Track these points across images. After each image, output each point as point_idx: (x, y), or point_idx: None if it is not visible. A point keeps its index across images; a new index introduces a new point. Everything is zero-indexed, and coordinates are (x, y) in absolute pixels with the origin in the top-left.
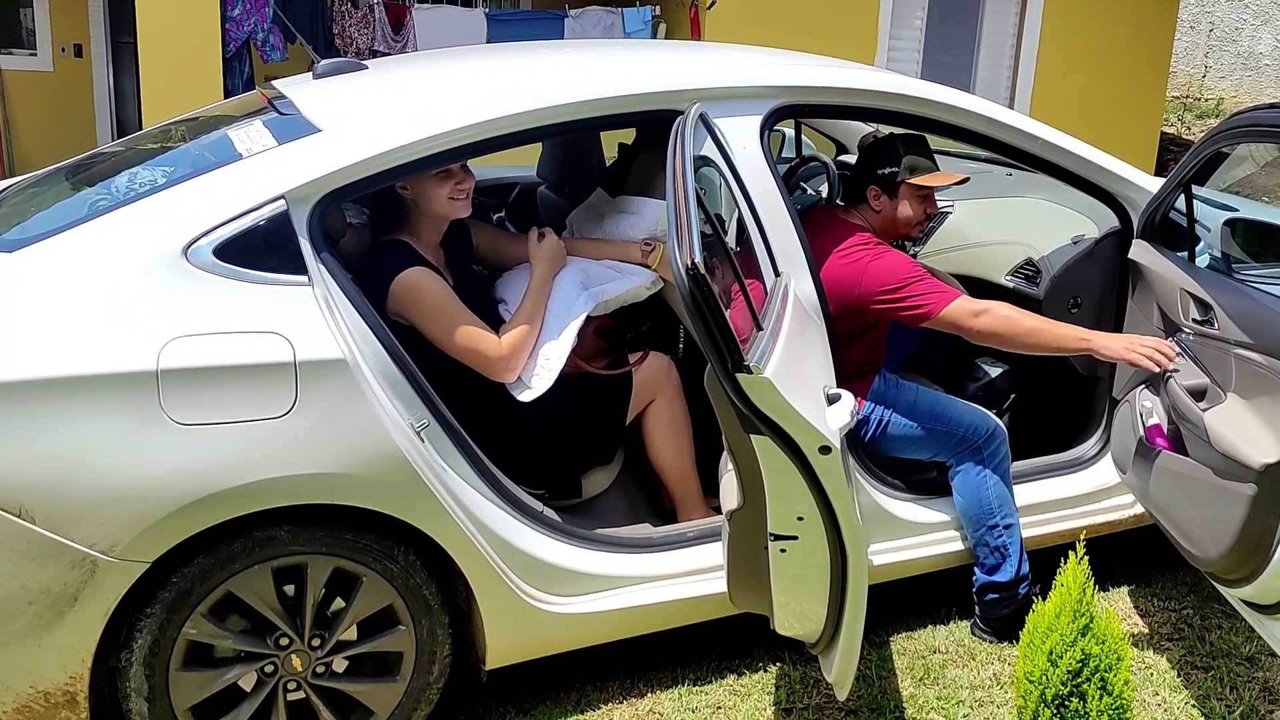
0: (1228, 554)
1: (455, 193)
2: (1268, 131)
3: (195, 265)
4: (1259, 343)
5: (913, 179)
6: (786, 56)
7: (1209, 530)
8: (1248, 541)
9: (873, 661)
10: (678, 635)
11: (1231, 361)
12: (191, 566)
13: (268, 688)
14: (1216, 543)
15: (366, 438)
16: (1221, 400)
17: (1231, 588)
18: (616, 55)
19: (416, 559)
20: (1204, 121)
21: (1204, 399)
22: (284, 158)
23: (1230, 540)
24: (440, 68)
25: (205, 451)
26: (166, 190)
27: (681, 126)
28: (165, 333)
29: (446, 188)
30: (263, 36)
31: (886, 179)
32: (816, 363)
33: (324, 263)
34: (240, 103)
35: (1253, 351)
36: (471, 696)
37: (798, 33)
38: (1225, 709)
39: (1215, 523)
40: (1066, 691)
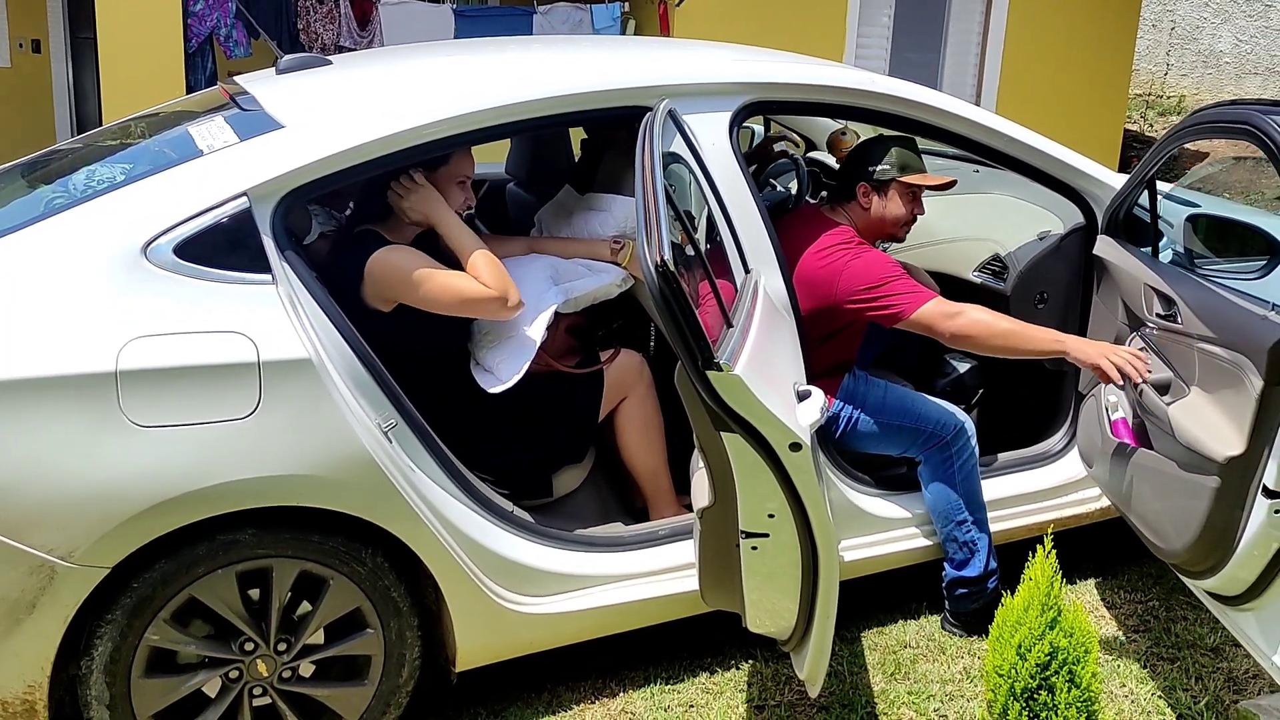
0: (1192, 546)
1: (462, 208)
2: (1228, 128)
3: (155, 264)
4: (1221, 337)
5: (903, 177)
6: (756, 53)
7: (1174, 523)
8: (1212, 533)
9: (844, 657)
10: (650, 634)
11: (1195, 356)
12: (153, 571)
13: (233, 694)
14: (1181, 535)
15: (333, 439)
16: (1185, 394)
17: (1197, 579)
18: (585, 51)
19: (385, 561)
20: (1166, 119)
21: (1168, 393)
22: (246, 154)
23: (1195, 532)
24: (406, 63)
25: (166, 454)
26: (125, 188)
27: (650, 123)
28: (124, 333)
29: (460, 199)
30: (225, 32)
31: (878, 177)
32: (786, 360)
33: (288, 261)
34: (202, 98)
35: (1215, 346)
36: (441, 699)
37: (767, 30)
38: (1191, 699)
39: (1180, 515)
40: (1035, 684)
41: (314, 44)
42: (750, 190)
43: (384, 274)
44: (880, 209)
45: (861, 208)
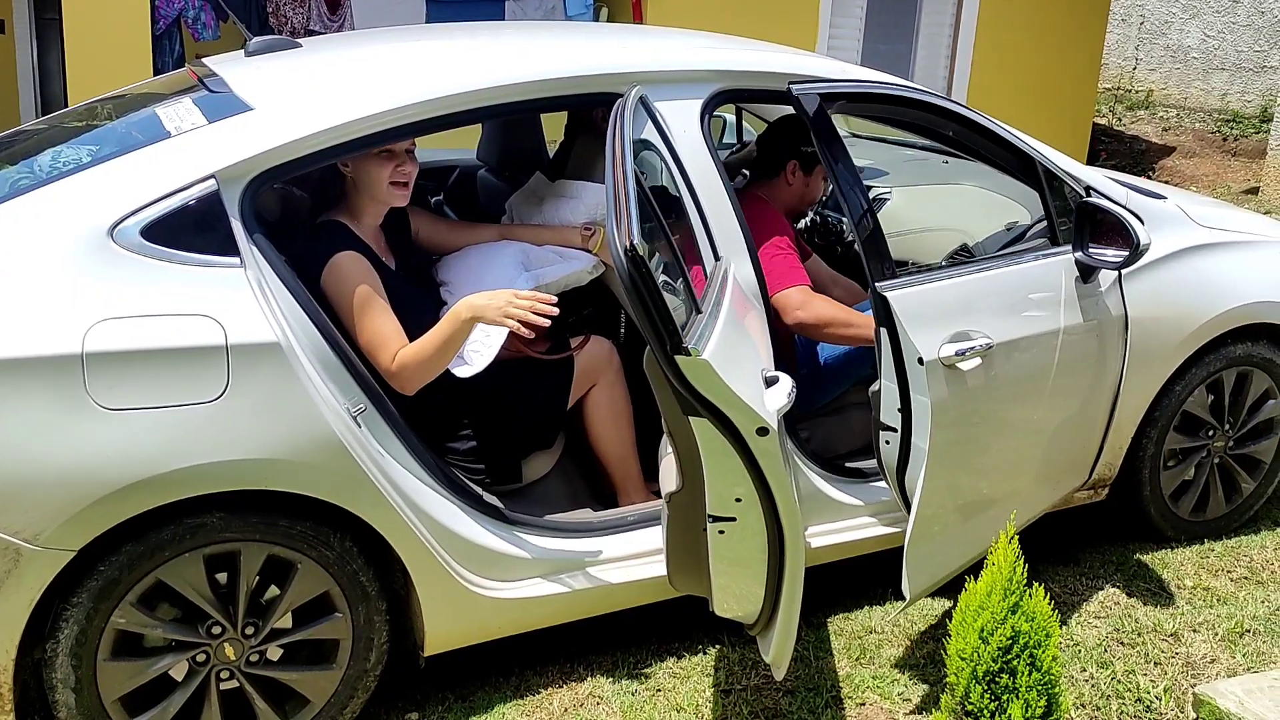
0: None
1: (397, 176)
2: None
3: (121, 246)
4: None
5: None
6: (728, 41)
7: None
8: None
9: (810, 642)
10: (618, 619)
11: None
12: (119, 555)
13: (199, 677)
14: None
15: (301, 423)
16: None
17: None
18: (558, 37)
19: (353, 545)
20: (1135, 113)
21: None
22: (215, 136)
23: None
24: (377, 47)
25: (133, 437)
26: (91, 169)
27: (621, 109)
28: (90, 315)
29: (387, 170)
30: (194, 14)
31: (808, 156)
32: (755, 345)
33: (256, 244)
34: (169, 80)
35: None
36: (410, 683)
37: (739, 18)
38: (1150, 683)
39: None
40: (997, 668)
41: (283, 28)
42: (721, 177)
43: (334, 279)
44: (803, 187)
45: (786, 184)
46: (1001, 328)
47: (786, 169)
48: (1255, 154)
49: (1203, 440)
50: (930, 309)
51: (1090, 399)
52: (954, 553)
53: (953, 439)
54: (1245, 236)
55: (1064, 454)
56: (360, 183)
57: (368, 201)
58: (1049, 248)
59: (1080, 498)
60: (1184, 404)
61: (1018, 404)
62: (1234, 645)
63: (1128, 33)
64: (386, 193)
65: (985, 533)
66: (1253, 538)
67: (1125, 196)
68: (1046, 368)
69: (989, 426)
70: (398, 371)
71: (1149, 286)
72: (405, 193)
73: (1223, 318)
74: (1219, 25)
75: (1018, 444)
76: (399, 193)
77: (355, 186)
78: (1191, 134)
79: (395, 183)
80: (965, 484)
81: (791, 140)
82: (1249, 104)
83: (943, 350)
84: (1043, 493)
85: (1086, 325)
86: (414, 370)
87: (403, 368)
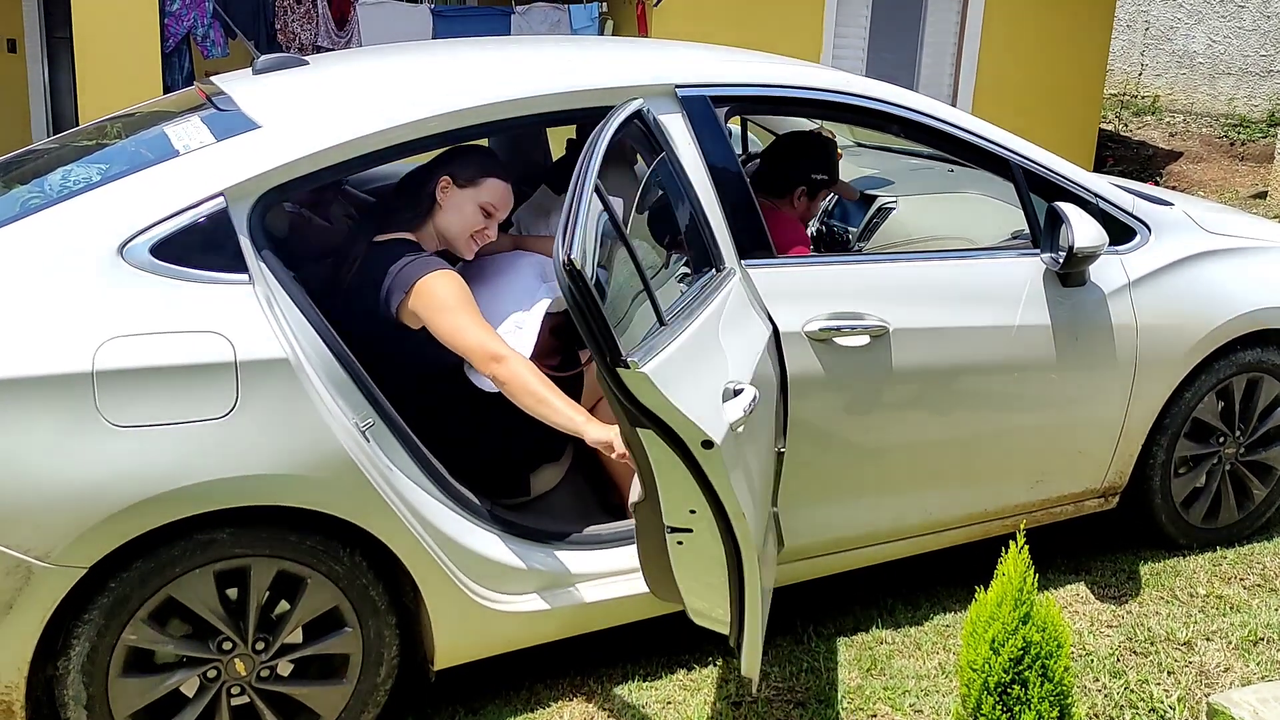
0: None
1: (480, 234)
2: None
3: (131, 264)
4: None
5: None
6: (733, 54)
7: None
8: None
9: (820, 653)
10: (628, 631)
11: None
12: (130, 571)
13: (211, 693)
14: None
15: (310, 438)
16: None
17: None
18: (564, 51)
19: (362, 560)
20: (1141, 119)
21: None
22: (223, 154)
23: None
24: (383, 63)
25: (143, 454)
26: (101, 188)
27: (604, 122)
28: (101, 333)
29: (479, 222)
30: (203, 32)
31: (816, 183)
32: (729, 357)
33: (265, 261)
34: (178, 99)
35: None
36: (420, 697)
37: (745, 29)
38: (1163, 693)
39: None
40: (1009, 679)
41: (291, 44)
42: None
43: (430, 297)
44: (804, 209)
45: (791, 205)
46: (909, 315)
47: (794, 193)
48: (1263, 158)
49: (1214, 447)
50: (804, 288)
51: (1087, 402)
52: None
53: (834, 417)
54: (1253, 242)
55: (1044, 454)
56: (448, 213)
57: (441, 232)
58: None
59: (1091, 506)
60: (1194, 411)
61: (936, 392)
62: (1248, 654)
63: (1133, 39)
64: (464, 239)
65: (879, 516)
66: (1265, 545)
67: (1132, 203)
68: (993, 364)
69: (888, 411)
70: (510, 376)
71: (1157, 293)
72: (473, 250)
73: (1232, 324)
74: (1224, 30)
75: (938, 431)
76: (469, 246)
77: (440, 212)
78: (1198, 139)
79: (474, 235)
80: (841, 463)
81: (803, 166)
82: (1256, 108)
83: (809, 325)
84: (1001, 489)
85: (1064, 326)
86: (519, 386)
87: (514, 376)
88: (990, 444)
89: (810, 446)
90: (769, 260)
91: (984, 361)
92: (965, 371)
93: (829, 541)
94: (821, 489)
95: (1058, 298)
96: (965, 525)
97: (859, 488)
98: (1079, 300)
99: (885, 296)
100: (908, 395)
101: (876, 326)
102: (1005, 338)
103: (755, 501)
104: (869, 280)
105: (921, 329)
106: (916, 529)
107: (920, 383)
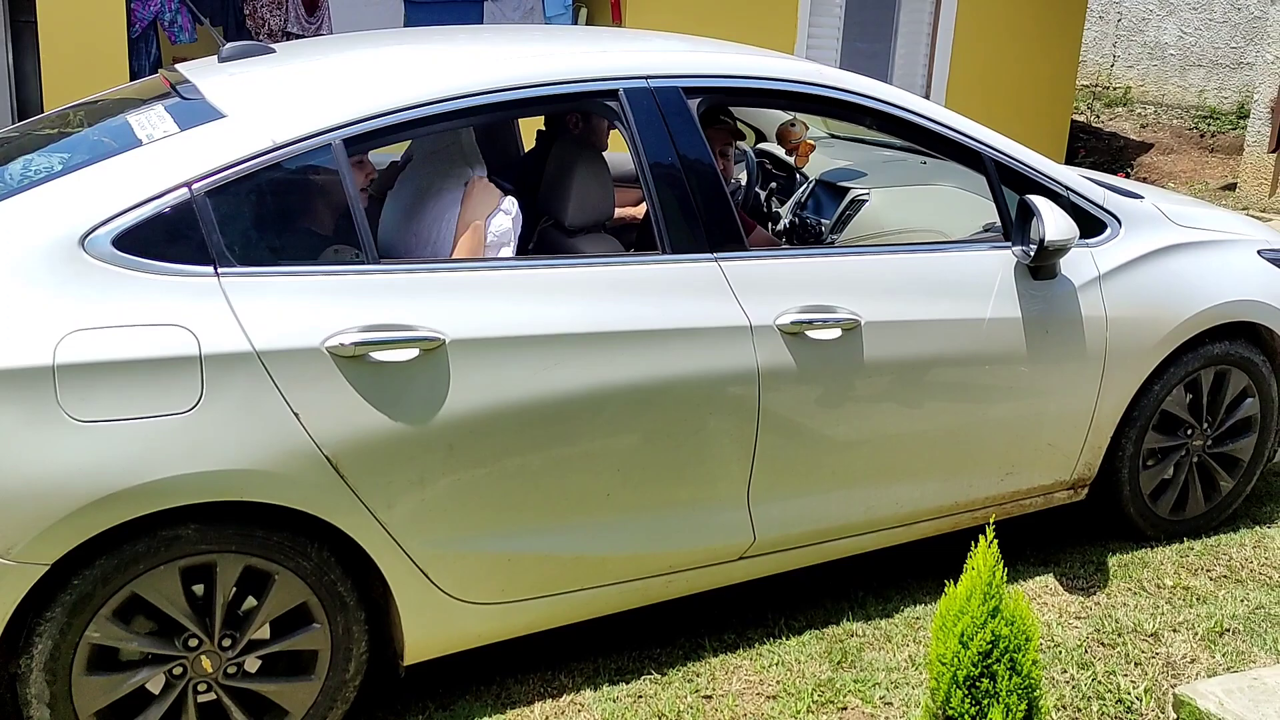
0: None
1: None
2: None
3: (93, 256)
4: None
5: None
6: (705, 45)
7: None
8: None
9: (791, 646)
10: (599, 625)
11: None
12: (93, 568)
13: (176, 690)
14: None
15: (276, 432)
16: None
17: None
18: (535, 41)
19: (331, 555)
20: (1113, 110)
21: None
22: (187, 144)
23: None
24: (351, 53)
25: (106, 449)
26: (62, 178)
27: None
28: (62, 327)
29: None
30: (170, 17)
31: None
32: None
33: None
34: (141, 87)
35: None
36: (390, 693)
37: (719, 19)
38: (1130, 684)
39: None
40: (978, 672)
41: (261, 30)
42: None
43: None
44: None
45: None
46: (881, 308)
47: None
48: (1232, 150)
49: (1181, 439)
50: (777, 281)
51: (1057, 395)
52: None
53: (806, 410)
54: (1222, 235)
55: (1014, 447)
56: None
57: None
58: (998, 242)
59: (1060, 498)
60: (1162, 403)
61: (907, 385)
62: (1214, 645)
63: (1105, 30)
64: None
65: (840, 508)
66: (1231, 536)
67: (1102, 196)
68: (964, 357)
69: (860, 404)
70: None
71: (1127, 286)
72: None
73: (1200, 317)
74: (1195, 22)
75: (909, 424)
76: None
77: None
78: (1169, 130)
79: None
80: (810, 458)
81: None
82: (1226, 100)
83: (781, 319)
84: (972, 481)
85: (1035, 319)
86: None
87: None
88: (961, 436)
89: (781, 439)
90: (742, 253)
91: (955, 354)
92: (936, 364)
93: (801, 534)
94: (793, 482)
95: (1028, 291)
96: (936, 517)
97: (831, 481)
98: (1050, 293)
99: (857, 289)
100: (879, 388)
101: (848, 319)
102: (976, 331)
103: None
104: (841, 273)
105: (893, 322)
106: (887, 521)
107: (892, 375)
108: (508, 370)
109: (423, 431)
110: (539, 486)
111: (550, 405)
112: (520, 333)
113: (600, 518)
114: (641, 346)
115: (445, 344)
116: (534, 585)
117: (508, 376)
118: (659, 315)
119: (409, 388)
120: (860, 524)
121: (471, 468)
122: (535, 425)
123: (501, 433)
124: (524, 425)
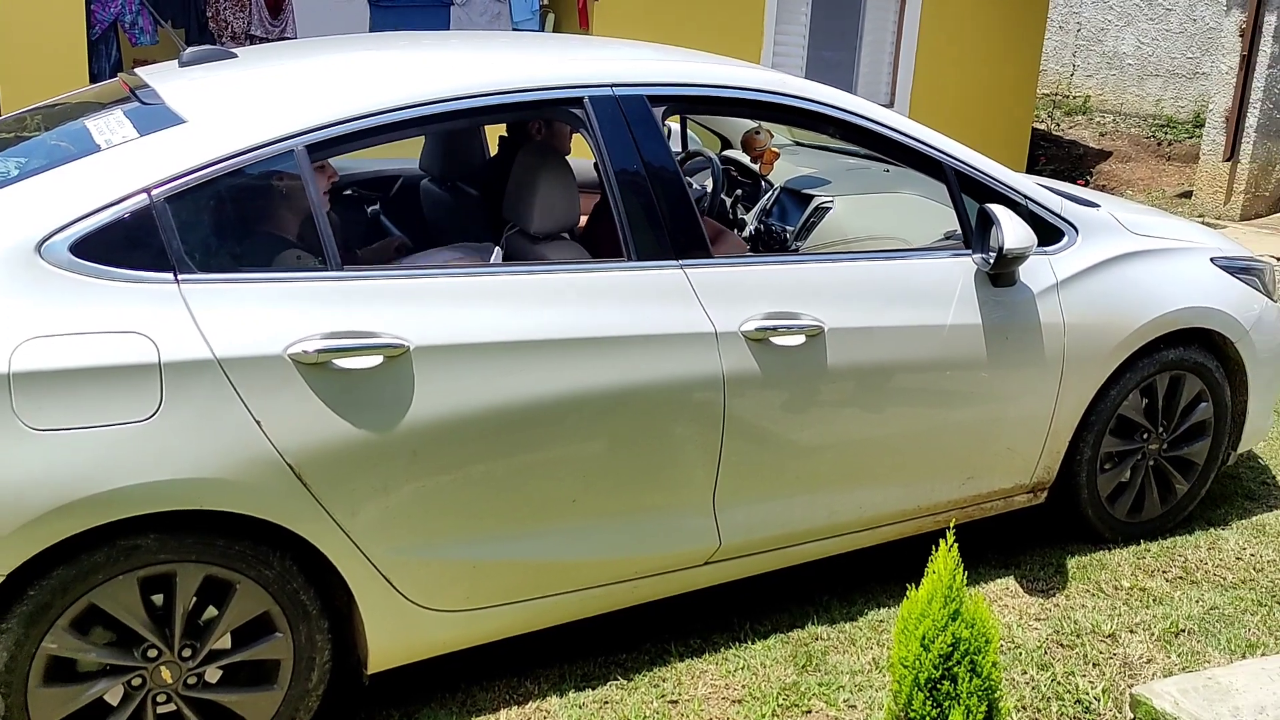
0: None
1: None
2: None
3: (50, 263)
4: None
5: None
6: (671, 53)
7: None
8: None
9: (756, 650)
10: (564, 631)
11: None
12: (50, 578)
13: (135, 701)
14: None
15: (237, 440)
16: None
17: None
18: (501, 49)
19: (293, 564)
20: (1073, 118)
21: None
22: (146, 149)
23: None
24: (314, 59)
25: (63, 458)
26: (18, 183)
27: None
28: (17, 334)
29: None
30: (131, 18)
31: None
32: None
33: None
34: (100, 91)
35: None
36: (354, 702)
37: (686, 27)
38: (1089, 685)
39: None
40: (939, 674)
41: (224, 32)
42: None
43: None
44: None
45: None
46: (844, 315)
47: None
48: (1189, 158)
49: (1138, 443)
50: (742, 288)
51: (1016, 400)
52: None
53: (770, 416)
54: (1176, 243)
55: (975, 451)
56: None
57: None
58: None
59: (1020, 501)
60: (1119, 408)
61: (870, 391)
62: (1169, 645)
63: (1065, 40)
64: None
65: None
66: (1187, 538)
67: (1060, 205)
68: (925, 363)
69: (823, 410)
70: None
71: (1084, 293)
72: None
73: (1155, 323)
74: (1153, 32)
75: (873, 429)
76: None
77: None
78: (1127, 139)
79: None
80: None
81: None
82: (1182, 109)
83: (745, 325)
84: (934, 485)
85: (995, 326)
86: None
87: None
88: (923, 441)
89: (747, 445)
90: (707, 259)
91: (917, 360)
92: (899, 370)
93: (765, 539)
94: (758, 487)
95: (988, 298)
96: (899, 521)
97: (795, 485)
98: (1009, 300)
99: (821, 296)
100: (842, 394)
101: (812, 326)
102: (937, 337)
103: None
104: (805, 280)
105: (856, 328)
106: (851, 525)
107: (855, 381)
108: (472, 377)
109: (386, 438)
110: (504, 493)
111: (515, 412)
112: (485, 339)
113: (565, 524)
114: (607, 353)
115: (409, 351)
116: (499, 592)
117: (472, 383)
118: (624, 322)
119: (373, 395)
120: (824, 528)
121: (436, 474)
122: (500, 432)
123: (466, 439)
124: (488, 432)
